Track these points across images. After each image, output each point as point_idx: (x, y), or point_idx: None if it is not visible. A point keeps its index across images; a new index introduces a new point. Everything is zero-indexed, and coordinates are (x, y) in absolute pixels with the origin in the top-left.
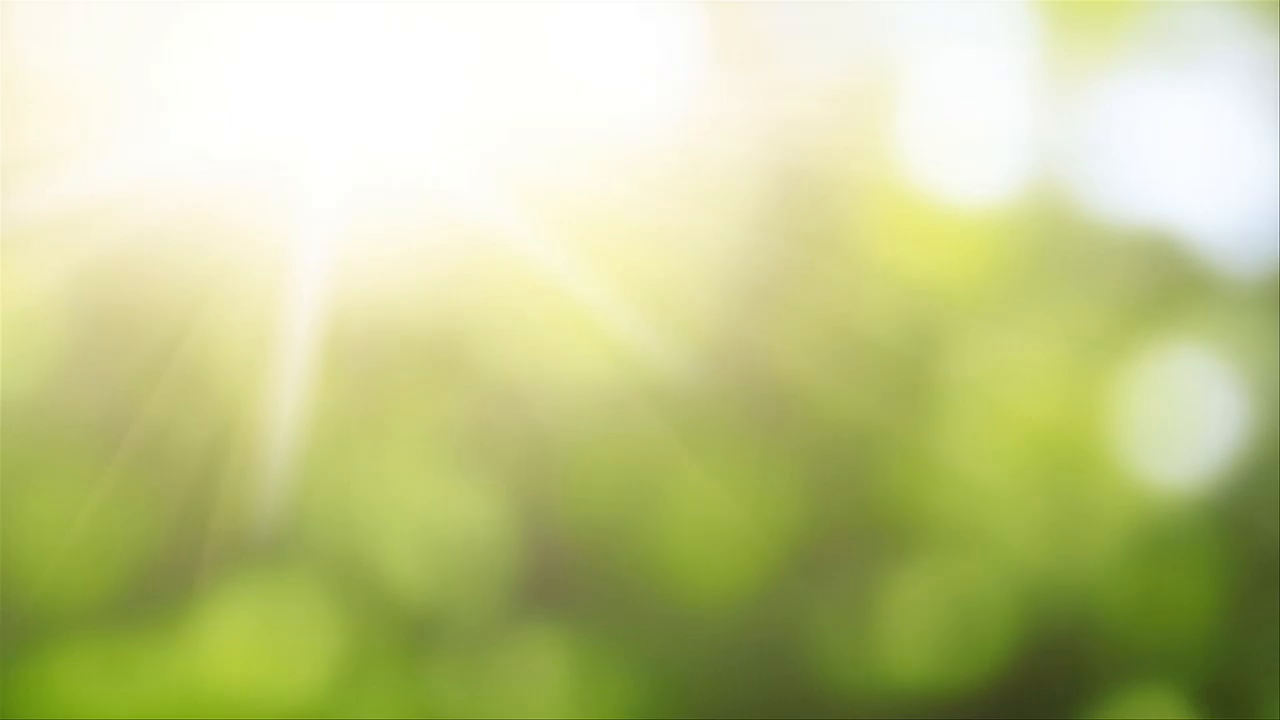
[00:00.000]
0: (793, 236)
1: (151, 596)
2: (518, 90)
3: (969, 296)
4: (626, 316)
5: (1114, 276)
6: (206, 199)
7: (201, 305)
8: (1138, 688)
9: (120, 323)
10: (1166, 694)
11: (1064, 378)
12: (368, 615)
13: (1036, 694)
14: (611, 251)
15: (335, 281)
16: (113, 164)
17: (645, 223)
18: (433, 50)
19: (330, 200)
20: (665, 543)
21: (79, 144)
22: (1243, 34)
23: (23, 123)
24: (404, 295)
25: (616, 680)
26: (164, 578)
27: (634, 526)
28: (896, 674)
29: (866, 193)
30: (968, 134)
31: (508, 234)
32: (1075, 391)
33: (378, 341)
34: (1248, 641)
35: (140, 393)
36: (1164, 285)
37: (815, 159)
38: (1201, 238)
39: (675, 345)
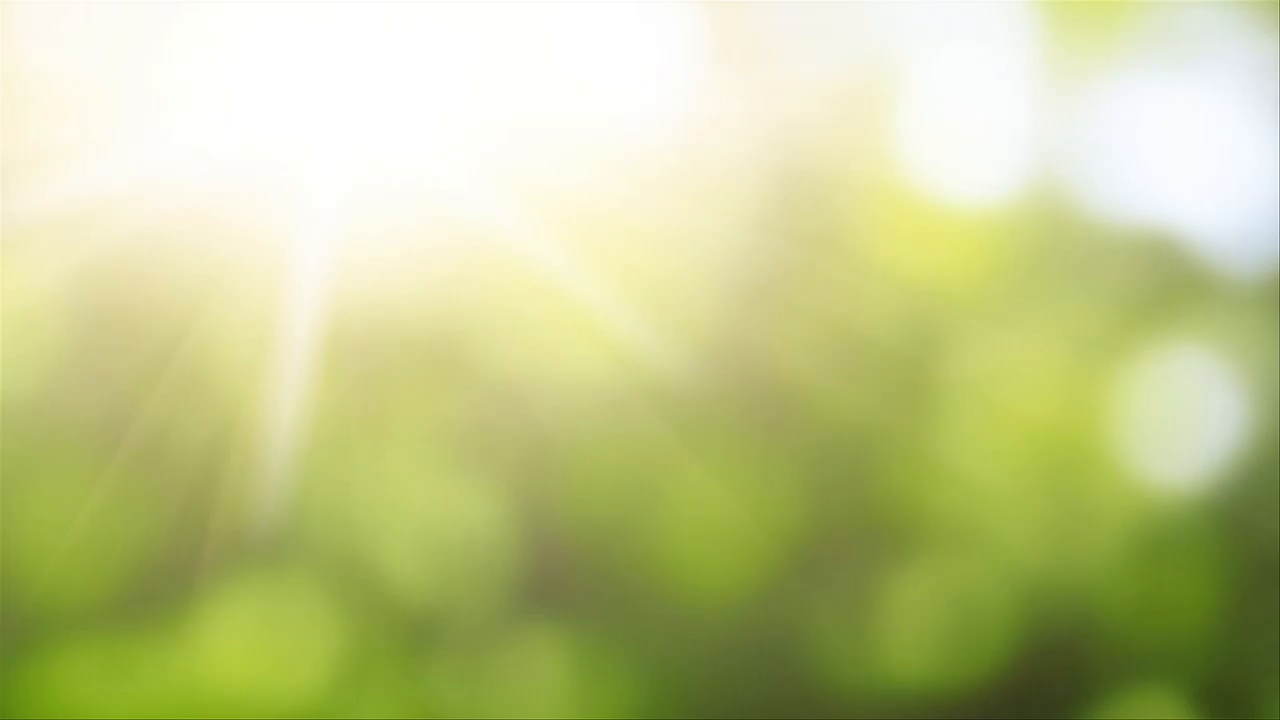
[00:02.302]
0: (793, 236)
1: (151, 596)
2: (518, 90)
3: (969, 296)
4: (626, 316)
5: (1114, 276)
6: (206, 199)
7: (201, 305)
8: (1138, 688)
9: (120, 323)
10: (1166, 694)
11: (1064, 378)
12: (368, 615)
13: (1036, 694)
14: (611, 251)
15: (335, 281)
16: (113, 164)
17: (645, 223)
18: (433, 50)
19: (330, 200)
20: (665, 543)
21: (79, 144)
22: (1243, 34)
23: (23, 123)
24: (404, 295)
25: (616, 680)
26: (164, 578)
27: (634, 526)
28: (896, 674)
29: (866, 193)
30: (968, 134)
31: (508, 234)
32: (1075, 391)
33: (378, 341)
34: (1248, 641)
35: (140, 393)
36: (1164, 285)
37: (815, 159)
38: (1201, 238)
39: (675, 345)
